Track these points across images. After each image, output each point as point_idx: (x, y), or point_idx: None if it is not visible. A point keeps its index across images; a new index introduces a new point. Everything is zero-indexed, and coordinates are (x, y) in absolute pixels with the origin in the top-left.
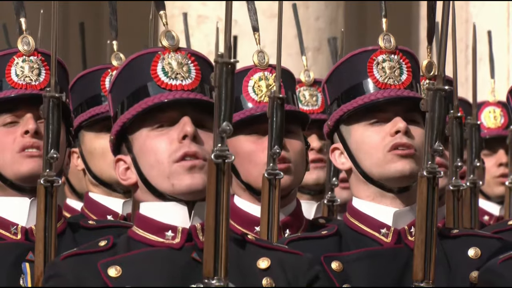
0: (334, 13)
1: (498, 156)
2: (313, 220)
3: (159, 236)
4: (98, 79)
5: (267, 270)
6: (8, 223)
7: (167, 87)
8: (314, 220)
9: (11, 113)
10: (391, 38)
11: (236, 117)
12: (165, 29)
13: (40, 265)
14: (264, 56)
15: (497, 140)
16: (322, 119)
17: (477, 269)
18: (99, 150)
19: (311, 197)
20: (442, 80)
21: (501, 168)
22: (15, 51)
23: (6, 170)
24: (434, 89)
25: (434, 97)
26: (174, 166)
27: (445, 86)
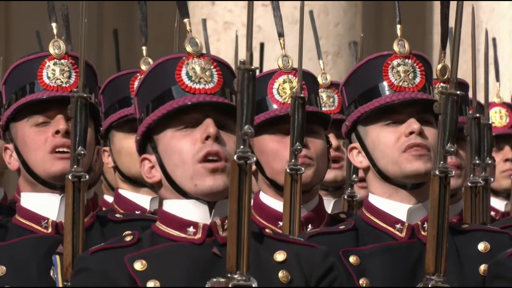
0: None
1: (504, 153)
2: (334, 215)
3: (181, 232)
4: (127, 82)
5: (283, 263)
6: (39, 217)
7: (191, 91)
8: (335, 215)
9: (43, 114)
10: (405, 43)
11: (262, 117)
12: (189, 35)
13: (68, 256)
14: (288, 60)
15: (503, 138)
16: (339, 119)
17: (486, 263)
18: (126, 149)
19: (328, 193)
20: (454, 85)
21: (507, 163)
22: (47, 55)
23: (38, 169)
24: (446, 93)
25: (446, 101)
26: (198, 167)
27: (457, 91)
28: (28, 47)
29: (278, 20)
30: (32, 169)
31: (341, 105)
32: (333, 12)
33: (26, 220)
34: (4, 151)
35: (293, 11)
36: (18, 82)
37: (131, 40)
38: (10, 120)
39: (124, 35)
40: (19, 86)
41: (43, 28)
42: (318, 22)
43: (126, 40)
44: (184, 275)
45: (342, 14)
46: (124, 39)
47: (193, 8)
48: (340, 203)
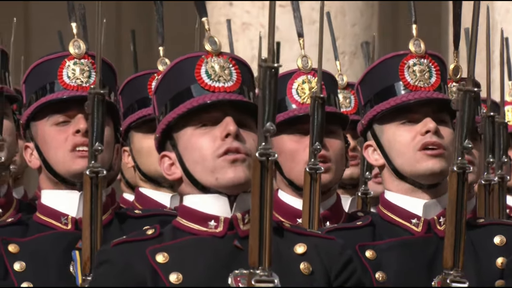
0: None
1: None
2: (352, 214)
3: (202, 226)
4: (145, 83)
5: (304, 255)
6: (59, 214)
7: (210, 89)
8: (353, 213)
9: (63, 113)
10: (421, 43)
11: (280, 118)
12: (208, 34)
13: (87, 251)
14: (308, 60)
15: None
16: (355, 120)
17: (503, 256)
18: (146, 149)
19: (345, 191)
20: (471, 82)
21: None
22: (67, 54)
23: (58, 167)
24: (464, 90)
25: (464, 98)
26: (218, 161)
27: (474, 88)
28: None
29: (297, 21)
30: (52, 167)
31: (357, 105)
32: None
33: (46, 217)
34: (25, 149)
35: (311, 12)
36: (38, 81)
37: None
38: (31, 119)
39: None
40: (39, 85)
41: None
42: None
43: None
44: (206, 268)
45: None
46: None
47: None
48: (356, 200)
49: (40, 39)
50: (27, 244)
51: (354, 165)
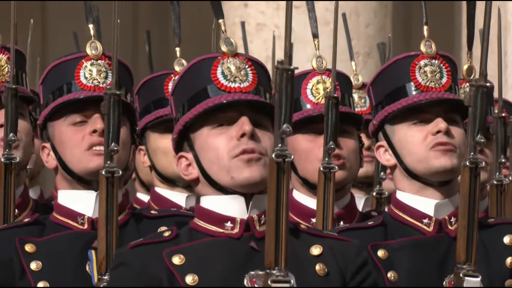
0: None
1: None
2: (366, 213)
3: (219, 227)
4: (162, 83)
5: (320, 257)
6: (76, 214)
7: (226, 89)
8: (367, 213)
9: (80, 113)
10: (432, 44)
11: (295, 117)
12: (224, 36)
13: (102, 250)
14: (322, 61)
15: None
16: (370, 120)
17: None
18: (162, 149)
19: (359, 190)
20: (484, 78)
21: None
22: (84, 55)
23: (74, 166)
24: (476, 85)
25: (476, 93)
26: (234, 161)
27: (486, 83)
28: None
29: (312, 22)
30: (68, 166)
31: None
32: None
33: (62, 217)
34: (42, 150)
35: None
36: (55, 82)
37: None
38: (48, 120)
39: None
40: (56, 86)
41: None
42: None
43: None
44: (222, 269)
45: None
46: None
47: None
48: (370, 201)
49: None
50: (44, 244)
51: (369, 162)
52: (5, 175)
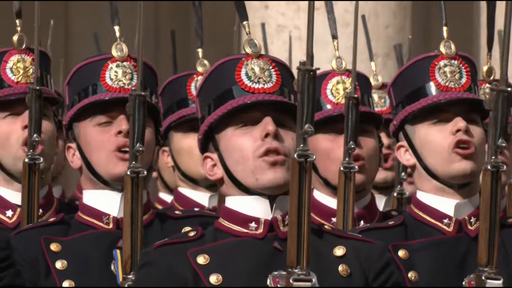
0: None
1: None
2: (386, 213)
3: (244, 227)
4: (184, 84)
5: (343, 258)
6: (101, 213)
7: (250, 90)
8: (387, 213)
9: (106, 114)
10: (452, 44)
11: (315, 117)
12: (248, 37)
13: (127, 250)
14: (342, 61)
15: None
16: (390, 119)
17: None
18: (186, 149)
19: (379, 192)
20: (505, 82)
21: None
22: (110, 57)
23: (100, 169)
24: (497, 90)
25: (497, 97)
26: (258, 162)
27: (507, 88)
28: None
29: (331, 23)
30: (94, 168)
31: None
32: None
33: (88, 217)
34: (67, 150)
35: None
36: (81, 83)
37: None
38: (73, 120)
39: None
40: (82, 87)
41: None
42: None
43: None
44: (246, 269)
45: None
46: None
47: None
48: (390, 201)
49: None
50: (69, 243)
51: (388, 169)
52: (29, 175)
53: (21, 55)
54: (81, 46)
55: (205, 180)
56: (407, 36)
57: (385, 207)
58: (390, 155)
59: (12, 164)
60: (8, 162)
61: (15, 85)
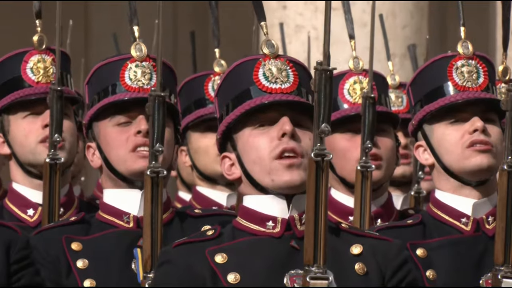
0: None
1: None
2: (403, 211)
3: (261, 226)
4: (202, 84)
5: (360, 256)
6: (121, 212)
7: (268, 90)
8: (404, 211)
9: (125, 114)
10: (469, 45)
11: (332, 117)
12: (266, 38)
13: (148, 249)
14: (359, 61)
15: None
16: (407, 118)
17: None
18: (203, 148)
19: (396, 189)
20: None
21: None
22: (129, 57)
23: (120, 166)
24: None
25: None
26: (274, 163)
27: None
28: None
29: (349, 23)
30: (114, 166)
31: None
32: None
33: (108, 216)
34: (87, 149)
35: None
36: (100, 83)
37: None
38: (93, 120)
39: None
40: (101, 87)
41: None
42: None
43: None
44: (263, 268)
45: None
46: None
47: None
48: (408, 199)
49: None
50: (90, 242)
51: (406, 163)
52: (50, 175)
53: (41, 55)
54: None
55: (223, 179)
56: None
57: (402, 205)
58: (409, 154)
59: (32, 161)
60: (28, 160)
61: (35, 85)
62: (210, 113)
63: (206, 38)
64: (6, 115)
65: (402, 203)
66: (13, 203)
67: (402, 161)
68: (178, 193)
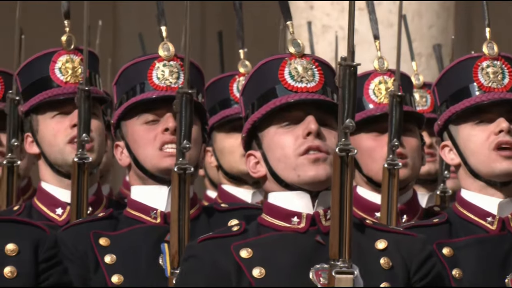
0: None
1: None
2: (428, 208)
3: (286, 222)
4: (227, 84)
5: (384, 251)
6: (148, 208)
7: (293, 89)
8: (429, 208)
9: (152, 112)
10: (494, 45)
11: (358, 117)
12: (292, 37)
13: (175, 245)
14: (384, 61)
15: None
16: (432, 118)
17: None
18: (228, 148)
19: (422, 187)
20: None
21: None
22: (157, 57)
23: (147, 164)
24: None
25: None
26: (300, 159)
27: None
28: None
29: (373, 23)
30: (142, 164)
31: (433, 104)
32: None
33: (136, 212)
34: (115, 148)
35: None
36: (129, 82)
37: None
38: (121, 119)
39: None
40: (130, 86)
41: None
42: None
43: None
44: (289, 262)
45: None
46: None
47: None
48: (433, 198)
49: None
50: (118, 238)
51: (431, 161)
52: (78, 174)
53: (70, 55)
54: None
55: (249, 178)
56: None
57: (427, 204)
58: (434, 154)
59: (61, 161)
60: (56, 159)
61: (64, 85)
62: (235, 113)
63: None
64: (34, 115)
65: (428, 201)
66: (42, 202)
67: (428, 159)
68: (206, 192)
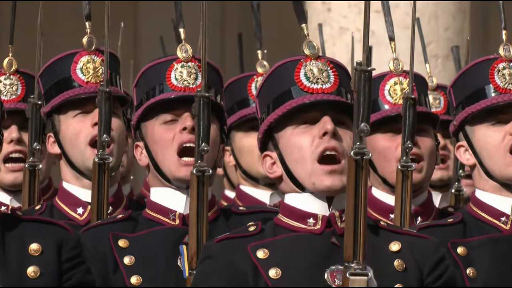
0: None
1: None
2: (443, 209)
3: (302, 223)
4: (245, 84)
5: (398, 253)
6: (167, 210)
7: (309, 91)
8: (444, 209)
9: (171, 112)
10: (510, 47)
11: (373, 118)
12: (307, 39)
13: (193, 246)
14: (399, 63)
15: None
16: (445, 120)
17: None
18: (247, 148)
19: (435, 190)
20: None
21: None
22: (175, 58)
23: (165, 168)
24: None
25: None
26: (316, 166)
27: None
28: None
29: (388, 25)
30: (160, 167)
31: (447, 106)
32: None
33: (155, 213)
34: (135, 148)
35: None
36: (148, 84)
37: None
38: (141, 120)
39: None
40: (149, 87)
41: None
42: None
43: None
44: (304, 263)
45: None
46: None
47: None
48: (447, 197)
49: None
50: (137, 239)
51: (444, 168)
52: (98, 174)
53: (91, 56)
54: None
55: (266, 179)
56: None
57: (441, 203)
58: (447, 156)
59: (80, 163)
60: (77, 160)
61: (85, 85)
62: (253, 113)
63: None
64: (56, 115)
65: (441, 201)
66: (63, 202)
67: (440, 166)
68: (225, 191)
